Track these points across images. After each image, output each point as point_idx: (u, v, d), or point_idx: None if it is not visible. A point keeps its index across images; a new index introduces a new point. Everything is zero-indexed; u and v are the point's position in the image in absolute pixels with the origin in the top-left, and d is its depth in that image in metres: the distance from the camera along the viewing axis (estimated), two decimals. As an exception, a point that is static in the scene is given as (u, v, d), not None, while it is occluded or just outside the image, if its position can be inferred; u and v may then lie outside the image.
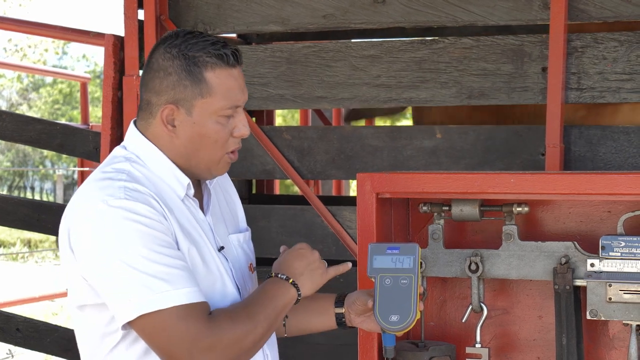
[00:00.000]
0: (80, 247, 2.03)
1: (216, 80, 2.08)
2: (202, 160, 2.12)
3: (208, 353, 1.96)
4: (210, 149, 2.11)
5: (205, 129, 2.09)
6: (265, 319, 2.05)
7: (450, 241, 2.49)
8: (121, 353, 2.07)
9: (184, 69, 2.08)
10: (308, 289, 2.16)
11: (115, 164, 2.12)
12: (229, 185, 2.38)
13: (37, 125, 3.80)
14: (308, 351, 3.32)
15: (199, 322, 1.97)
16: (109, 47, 3.51)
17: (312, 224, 3.38)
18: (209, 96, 2.08)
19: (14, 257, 16.86)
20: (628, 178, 2.19)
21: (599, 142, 3.05)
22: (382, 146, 3.30)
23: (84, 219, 2.02)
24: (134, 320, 1.97)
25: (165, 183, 2.11)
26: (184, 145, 2.11)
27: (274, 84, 3.40)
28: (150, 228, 1.98)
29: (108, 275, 1.98)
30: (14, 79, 25.58)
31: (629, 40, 3.01)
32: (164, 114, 2.10)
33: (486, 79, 3.16)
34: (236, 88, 2.11)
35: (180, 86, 2.08)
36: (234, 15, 3.43)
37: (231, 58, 2.09)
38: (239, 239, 2.28)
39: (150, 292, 1.95)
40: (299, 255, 2.19)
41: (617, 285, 2.24)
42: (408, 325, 2.13)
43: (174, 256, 1.99)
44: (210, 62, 2.08)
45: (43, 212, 3.80)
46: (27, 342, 3.93)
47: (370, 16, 3.27)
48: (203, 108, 2.09)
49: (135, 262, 1.95)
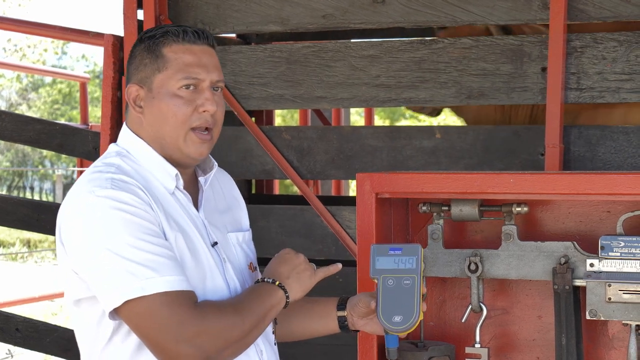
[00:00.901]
0: (70, 240, 2.05)
1: (172, 54, 2.12)
2: (167, 137, 2.13)
3: (193, 340, 1.95)
4: (172, 124, 2.12)
5: (163, 103, 2.12)
6: (252, 314, 2.05)
7: (450, 241, 2.49)
8: (117, 347, 2.07)
9: (145, 49, 2.14)
10: (296, 292, 2.16)
11: (106, 158, 2.15)
12: (232, 186, 2.39)
13: (36, 125, 3.80)
14: (308, 351, 3.32)
15: (184, 309, 1.97)
16: (108, 47, 3.51)
17: (311, 224, 3.38)
18: (165, 70, 2.12)
19: (14, 257, 16.86)
20: (627, 178, 2.20)
21: (598, 142, 3.05)
22: (382, 146, 3.30)
23: (72, 212, 2.05)
24: (121, 307, 1.97)
25: (154, 177, 2.13)
26: (150, 124, 2.14)
27: (274, 84, 3.40)
28: (136, 217, 1.99)
29: (95, 264, 1.99)
30: (13, 79, 25.59)
31: (629, 40, 3.01)
32: (131, 95, 2.15)
33: (486, 79, 3.16)
34: (195, 63, 2.13)
35: (141, 65, 2.14)
36: (233, 15, 3.43)
37: (190, 35, 2.13)
38: (238, 237, 2.28)
39: (135, 279, 1.95)
40: (283, 260, 2.20)
41: (616, 285, 2.24)
42: (411, 326, 2.13)
43: (159, 244, 2.00)
44: (169, 40, 2.13)
45: (42, 212, 3.79)
46: (27, 342, 3.93)
47: (369, 16, 3.27)
48: (160, 82, 2.12)
49: (121, 250, 1.96)
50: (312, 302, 2.35)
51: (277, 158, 3.39)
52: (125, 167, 2.10)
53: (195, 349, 1.95)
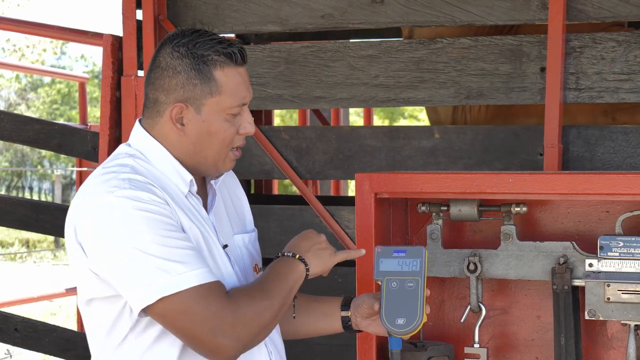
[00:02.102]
0: (89, 241, 2.04)
1: (225, 78, 2.11)
2: (209, 157, 2.14)
3: (230, 331, 1.98)
4: (218, 146, 2.13)
5: (214, 127, 2.12)
6: (279, 294, 2.08)
7: (449, 241, 2.49)
8: (130, 344, 2.08)
9: (193, 67, 2.10)
10: (316, 267, 2.18)
11: (119, 159, 2.14)
12: (236, 185, 2.39)
13: (35, 125, 3.79)
14: (308, 351, 3.32)
15: (219, 300, 1.99)
16: (107, 47, 3.51)
17: (310, 224, 3.37)
18: (218, 95, 2.11)
19: (12, 257, 16.85)
20: (626, 178, 2.20)
21: (597, 142, 3.05)
22: (381, 146, 3.30)
23: (91, 213, 2.03)
24: (153, 305, 1.98)
25: (168, 179, 2.13)
26: (192, 142, 2.13)
27: (273, 84, 3.40)
28: (157, 214, 2.00)
29: (121, 263, 1.99)
30: (12, 79, 25.57)
31: (627, 41, 3.01)
32: (173, 112, 2.12)
33: (484, 79, 3.16)
34: (243, 86, 2.14)
35: (189, 85, 2.10)
36: (232, 15, 3.43)
37: (239, 56, 2.13)
38: (244, 239, 2.29)
39: (167, 275, 1.96)
40: (305, 237, 2.22)
41: (615, 285, 2.24)
42: (415, 329, 2.12)
43: (183, 239, 2.02)
44: (219, 61, 2.10)
45: (41, 212, 3.79)
46: (26, 342, 3.93)
47: (368, 16, 3.27)
48: (212, 106, 2.11)
49: (148, 248, 1.97)
50: (317, 300, 2.36)
51: (276, 158, 3.39)
52: (138, 168, 2.10)
53: (233, 339, 1.98)
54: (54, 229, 3.77)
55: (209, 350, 2.00)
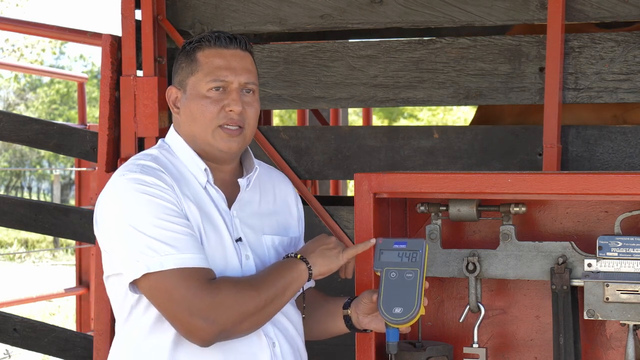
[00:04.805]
0: (97, 218, 2.20)
1: (204, 58, 2.26)
2: (198, 135, 2.27)
3: (206, 313, 2.06)
4: (201, 122, 2.26)
5: (193, 104, 2.26)
6: (269, 288, 2.14)
7: (448, 241, 2.49)
8: (137, 320, 2.19)
9: (184, 54, 2.30)
10: (320, 265, 2.23)
11: (148, 150, 2.32)
12: (288, 192, 2.47)
13: (34, 125, 3.79)
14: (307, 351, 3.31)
15: (200, 283, 2.07)
16: (106, 47, 3.51)
17: (309, 224, 3.36)
18: (196, 72, 2.26)
19: (11, 257, 16.85)
20: (625, 178, 2.20)
21: (596, 142, 3.05)
22: (380, 146, 3.30)
23: (104, 193, 2.20)
24: (140, 281, 2.10)
25: (188, 170, 2.27)
26: (184, 123, 2.29)
27: (272, 84, 3.40)
28: (158, 198, 2.13)
29: (118, 239, 2.13)
30: (11, 79, 25.57)
31: (626, 41, 3.01)
32: (170, 97, 2.31)
33: (483, 79, 3.16)
34: (224, 66, 2.26)
35: (179, 69, 2.30)
36: (231, 15, 3.42)
37: (223, 40, 2.27)
38: (274, 240, 2.35)
39: (155, 254, 2.08)
40: (315, 239, 2.31)
41: (614, 285, 2.24)
42: (411, 318, 2.14)
43: (180, 224, 2.13)
44: (203, 45, 2.27)
45: (40, 212, 3.79)
46: (25, 343, 3.92)
47: (367, 16, 3.27)
48: (192, 84, 2.27)
49: (143, 227, 2.10)
50: (327, 300, 2.43)
51: (275, 158, 3.39)
52: (162, 158, 2.25)
53: (208, 322, 2.06)
54: (53, 229, 3.77)
55: (186, 330, 2.09)
